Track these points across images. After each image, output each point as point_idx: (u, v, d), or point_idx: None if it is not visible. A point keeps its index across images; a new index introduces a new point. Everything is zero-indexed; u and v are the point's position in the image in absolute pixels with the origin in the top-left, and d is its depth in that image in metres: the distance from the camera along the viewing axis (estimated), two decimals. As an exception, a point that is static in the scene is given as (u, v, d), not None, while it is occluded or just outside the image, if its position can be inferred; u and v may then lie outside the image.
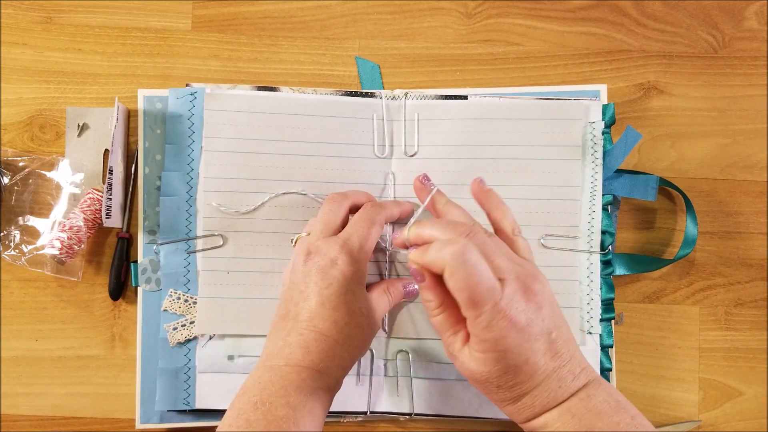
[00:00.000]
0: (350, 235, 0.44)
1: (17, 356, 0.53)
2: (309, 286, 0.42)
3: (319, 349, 0.40)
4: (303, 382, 0.39)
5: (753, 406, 0.54)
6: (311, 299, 0.42)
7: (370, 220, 0.45)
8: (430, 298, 0.40)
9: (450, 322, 0.40)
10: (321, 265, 0.42)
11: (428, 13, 0.56)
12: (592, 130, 0.52)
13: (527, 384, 0.38)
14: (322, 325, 0.41)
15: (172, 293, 0.51)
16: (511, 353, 0.37)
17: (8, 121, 0.54)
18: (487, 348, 0.37)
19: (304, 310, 0.42)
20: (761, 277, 0.54)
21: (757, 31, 0.56)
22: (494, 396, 0.40)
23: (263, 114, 0.52)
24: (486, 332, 0.37)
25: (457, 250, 0.36)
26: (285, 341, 0.41)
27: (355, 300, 0.42)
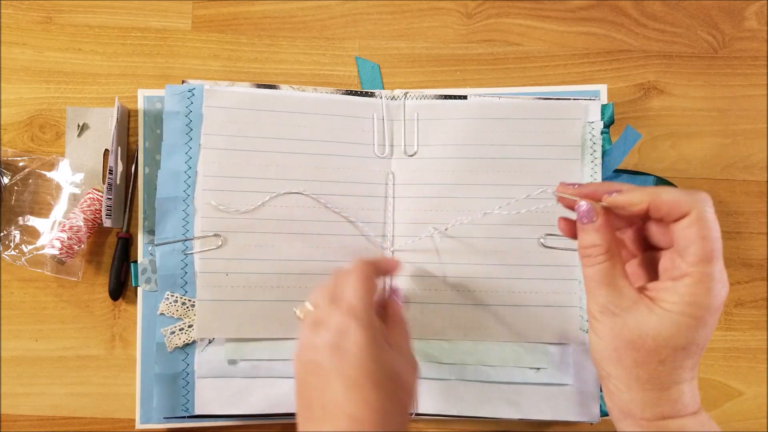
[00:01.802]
0: (350, 297, 0.39)
1: (17, 356, 0.53)
2: (324, 367, 0.37)
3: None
4: None
5: (753, 406, 0.54)
6: (332, 382, 0.37)
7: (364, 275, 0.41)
8: (599, 241, 0.36)
9: (614, 275, 0.36)
10: (330, 340, 0.37)
11: (428, 13, 0.56)
12: (591, 130, 0.52)
13: (688, 372, 0.35)
14: (353, 409, 0.36)
15: (169, 296, 0.51)
16: (704, 329, 0.34)
17: (8, 121, 0.54)
18: (690, 312, 0.34)
19: (328, 397, 0.37)
20: (761, 277, 0.54)
21: (757, 31, 0.56)
22: (644, 373, 0.35)
23: (263, 112, 0.52)
24: (703, 295, 0.34)
25: (707, 200, 0.34)
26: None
27: (379, 368, 0.37)
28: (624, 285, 0.36)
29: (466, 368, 0.51)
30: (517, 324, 0.51)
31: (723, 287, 0.34)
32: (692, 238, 0.34)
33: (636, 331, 0.35)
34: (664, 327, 0.34)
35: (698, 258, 0.34)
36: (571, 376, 0.51)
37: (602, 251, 0.36)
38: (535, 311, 0.51)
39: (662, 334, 0.34)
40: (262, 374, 0.51)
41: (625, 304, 0.35)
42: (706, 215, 0.34)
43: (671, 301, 0.34)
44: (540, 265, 0.51)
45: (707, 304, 0.34)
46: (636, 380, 0.35)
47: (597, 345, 0.37)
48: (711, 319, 0.34)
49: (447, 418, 0.52)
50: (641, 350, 0.35)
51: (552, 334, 0.51)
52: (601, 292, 0.36)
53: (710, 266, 0.34)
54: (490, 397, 0.51)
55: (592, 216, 0.36)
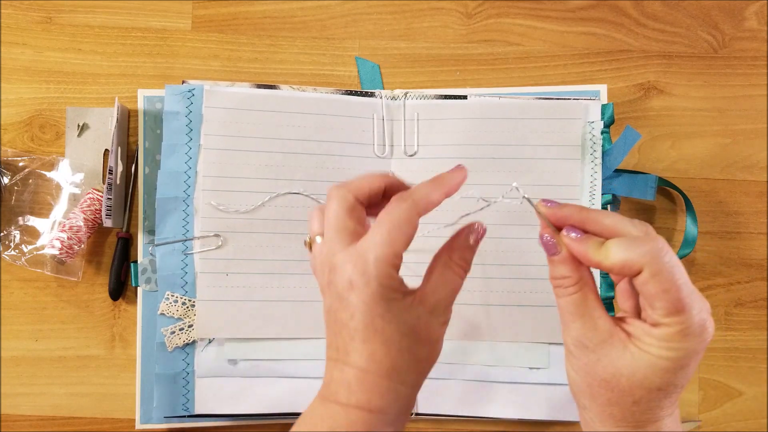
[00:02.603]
0: (368, 248, 0.35)
1: (17, 356, 0.53)
2: (337, 317, 0.36)
3: (362, 388, 0.35)
4: (352, 425, 0.35)
5: (753, 406, 0.54)
6: (342, 331, 0.36)
7: (396, 224, 0.35)
8: (567, 273, 0.35)
9: (586, 307, 0.35)
10: (339, 291, 0.35)
11: (428, 13, 0.56)
12: (591, 129, 0.52)
13: (667, 410, 0.34)
14: (358, 360, 0.35)
15: (169, 296, 0.51)
16: (683, 371, 0.33)
17: (8, 121, 0.54)
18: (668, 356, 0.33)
19: (340, 343, 0.36)
20: (761, 277, 0.54)
21: (757, 31, 0.56)
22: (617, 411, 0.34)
23: (263, 112, 0.52)
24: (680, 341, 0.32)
25: (661, 248, 0.32)
26: (331, 375, 0.36)
27: (388, 324, 0.35)
28: (598, 316, 0.35)
29: (466, 368, 0.51)
30: (517, 324, 0.51)
31: (703, 331, 0.33)
32: (654, 293, 0.32)
33: (610, 369, 0.34)
34: (639, 368, 0.33)
35: (667, 311, 0.32)
36: (571, 376, 0.51)
37: (572, 282, 0.35)
38: (535, 311, 0.51)
39: (636, 375, 0.33)
40: (262, 374, 0.51)
41: (600, 337, 0.34)
42: (662, 268, 0.32)
43: (647, 342, 0.33)
44: (540, 265, 0.51)
45: (686, 350, 0.33)
46: (610, 417, 0.35)
47: (572, 378, 0.36)
48: (692, 362, 0.33)
49: (447, 418, 0.52)
50: (615, 390, 0.34)
51: (552, 334, 0.51)
52: (574, 324, 0.35)
53: (682, 316, 0.32)
54: (490, 397, 0.51)
55: (554, 249, 0.36)
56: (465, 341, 0.51)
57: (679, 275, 0.32)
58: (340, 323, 0.36)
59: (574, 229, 0.35)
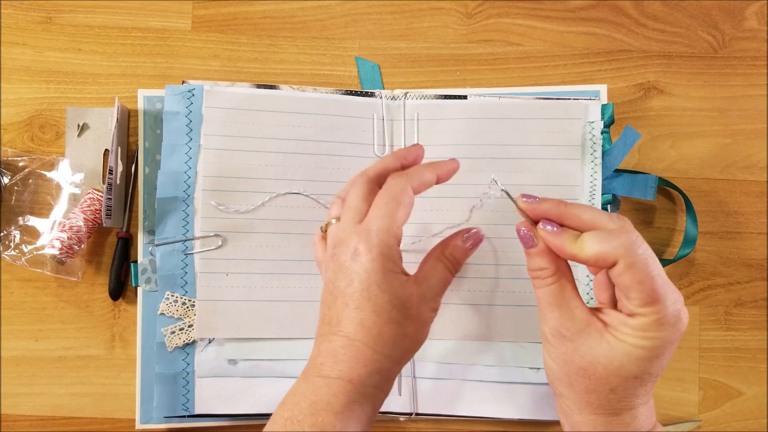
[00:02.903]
0: (370, 220, 0.38)
1: (17, 356, 0.53)
2: (335, 286, 0.38)
3: (347, 356, 0.37)
4: (333, 398, 0.36)
5: (753, 406, 0.54)
6: (338, 301, 0.38)
7: (393, 197, 0.38)
8: (544, 265, 0.36)
9: (563, 297, 0.36)
10: (342, 261, 0.38)
11: (428, 13, 0.56)
12: (591, 129, 0.52)
13: (642, 398, 0.35)
14: (348, 328, 0.37)
15: (169, 296, 0.51)
16: (658, 360, 0.34)
17: (8, 121, 0.54)
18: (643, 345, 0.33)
19: (333, 315, 0.38)
20: (761, 277, 0.54)
21: (757, 31, 0.56)
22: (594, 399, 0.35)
23: (263, 112, 0.52)
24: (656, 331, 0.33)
25: (634, 241, 0.33)
26: (319, 349, 0.38)
27: (382, 293, 0.37)
28: (576, 306, 0.36)
29: (466, 368, 0.51)
30: (517, 324, 0.51)
31: (677, 321, 0.33)
32: (629, 285, 0.33)
33: (587, 357, 0.35)
34: (616, 356, 0.34)
35: (642, 302, 0.33)
36: (571, 376, 0.51)
37: (550, 273, 0.36)
38: (535, 311, 0.51)
39: (613, 363, 0.34)
40: (262, 374, 0.51)
41: (577, 327, 0.35)
42: (636, 260, 0.33)
43: (624, 332, 0.34)
44: (540, 265, 0.51)
45: (661, 339, 0.33)
46: (587, 404, 0.36)
47: (549, 367, 0.37)
48: (666, 351, 0.34)
49: (447, 418, 0.52)
50: (592, 378, 0.35)
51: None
52: (552, 314, 0.36)
53: (657, 306, 0.33)
54: (490, 397, 0.51)
55: (530, 242, 0.37)
56: (465, 341, 0.51)
57: (653, 267, 0.33)
58: (337, 292, 0.38)
59: (551, 223, 0.37)
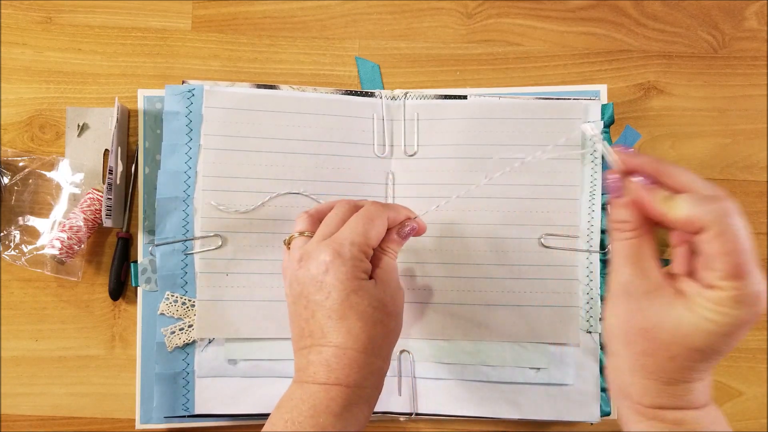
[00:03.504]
0: (342, 235, 0.40)
1: (17, 356, 0.53)
2: (309, 300, 0.39)
3: (341, 364, 0.38)
4: (332, 401, 0.38)
5: (753, 406, 0.54)
6: (317, 314, 0.39)
7: (367, 216, 0.41)
8: (628, 218, 0.35)
9: (640, 255, 0.34)
10: (314, 275, 0.39)
11: (428, 13, 0.56)
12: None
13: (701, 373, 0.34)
14: (336, 339, 0.38)
15: (169, 296, 0.51)
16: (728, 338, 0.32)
17: (8, 121, 0.54)
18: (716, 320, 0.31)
19: (315, 327, 0.39)
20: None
21: (757, 31, 0.56)
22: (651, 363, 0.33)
23: (263, 112, 0.52)
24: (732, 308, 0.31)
25: (730, 209, 0.31)
26: (308, 360, 0.39)
27: (361, 299, 0.39)
28: (650, 267, 0.34)
29: (466, 368, 0.51)
30: (517, 324, 0.51)
31: (757, 301, 0.31)
32: (715, 254, 0.31)
33: (652, 320, 0.33)
34: (683, 325, 0.32)
35: (725, 274, 0.31)
36: (571, 376, 0.51)
37: (631, 227, 0.34)
38: (535, 311, 0.51)
39: (679, 331, 0.32)
40: (262, 374, 0.51)
41: (648, 287, 0.34)
42: (727, 229, 0.31)
43: (698, 302, 0.32)
44: (540, 265, 0.51)
45: (736, 317, 0.31)
46: (642, 367, 0.34)
47: (609, 322, 0.35)
48: (739, 331, 0.32)
49: (447, 418, 0.52)
50: (654, 341, 0.33)
51: (552, 334, 0.51)
52: (625, 270, 0.34)
53: (740, 281, 0.31)
54: (490, 397, 0.51)
55: (618, 191, 0.35)
56: (465, 341, 0.51)
57: (744, 240, 0.31)
58: (315, 305, 0.39)
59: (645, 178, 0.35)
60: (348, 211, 0.43)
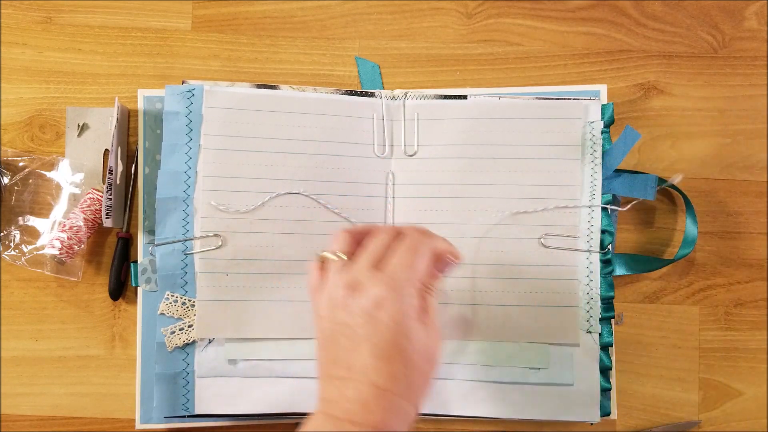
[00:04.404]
0: (395, 268, 0.38)
1: (17, 356, 0.53)
2: (356, 332, 0.37)
3: (380, 407, 0.36)
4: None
5: (753, 406, 0.54)
6: (362, 348, 0.37)
7: (416, 248, 0.39)
8: None
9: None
10: (366, 308, 0.37)
11: (428, 13, 0.56)
12: (592, 129, 0.52)
13: None
14: (378, 379, 0.36)
15: (169, 296, 0.51)
16: None
17: (8, 121, 0.54)
18: None
19: (356, 361, 0.37)
20: (761, 277, 0.54)
21: (757, 31, 0.56)
22: None
23: (263, 112, 0.52)
24: None
25: None
26: (342, 393, 0.37)
27: (411, 343, 0.37)
28: None
29: (466, 368, 0.51)
30: (517, 324, 0.51)
31: None
32: None
33: None
34: None
35: None
36: (571, 376, 0.51)
37: None
38: (535, 311, 0.51)
39: None
40: (261, 374, 0.51)
41: None
42: None
43: None
44: (540, 265, 0.51)
45: None
46: None
47: None
48: None
49: (447, 418, 0.52)
50: None
51: (552, 334, 0.51)
52: None
53: None
54: (490, 397, 0.51)
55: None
56: (465, 341, 0.51)
57: None
58: (361, 339, 0.37)
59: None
60: (391, 237, 0.41)
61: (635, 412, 0.53)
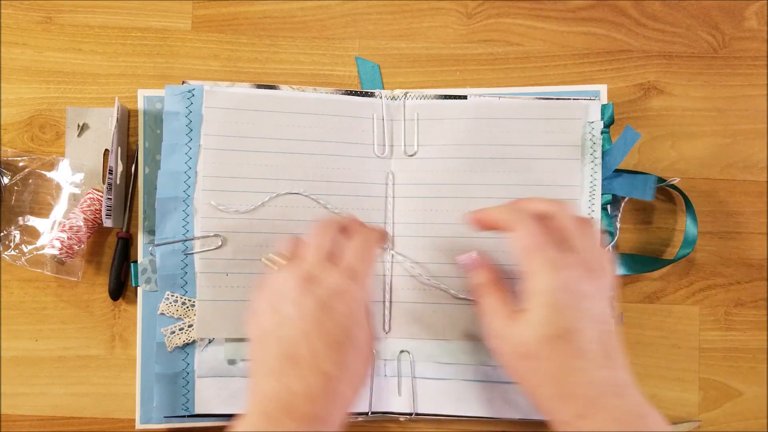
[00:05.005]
0: (352, 262, 0.40)
1: (17, 356, 0.53)
2: (309, 323, 0.38)
3: (325, 394, 0.37)
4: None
5: (753, 406, 0.54)
6: (313, 338, 0.38)
7: (366, 240, 0.42)
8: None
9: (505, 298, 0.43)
10: (322, 298, 0.38)
11: (428, 13, 0.56)
12: (591, 129, 0.52)
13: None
14: (328, 366, 0.37)
15: (169, 296, 0.51)
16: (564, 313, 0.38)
17: (8, 121, 0.54)
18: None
19: (305, 352, 0.37)
20: (761, 277, 0.54)
21: (757, 31, 0.56)
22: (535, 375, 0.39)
23: (263, 112, 0.52)
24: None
25: None
26: (285, 387, 0.37)
27: (361, 331, 0.39)
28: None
29: (466, 368, 0.51)
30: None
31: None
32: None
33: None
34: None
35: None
36: (571, 376, 0.51)
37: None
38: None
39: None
40: (262, 374, 0.51)
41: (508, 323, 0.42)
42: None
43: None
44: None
45: None
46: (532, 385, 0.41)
47: None
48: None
49: (447, 418, 0.52)
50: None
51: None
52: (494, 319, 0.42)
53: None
54: (490, 397, 0.51)
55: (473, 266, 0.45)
56: (465, 341, 0.51)
57: None
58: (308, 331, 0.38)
59: None
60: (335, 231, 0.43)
61: (635, 412, 0.53)
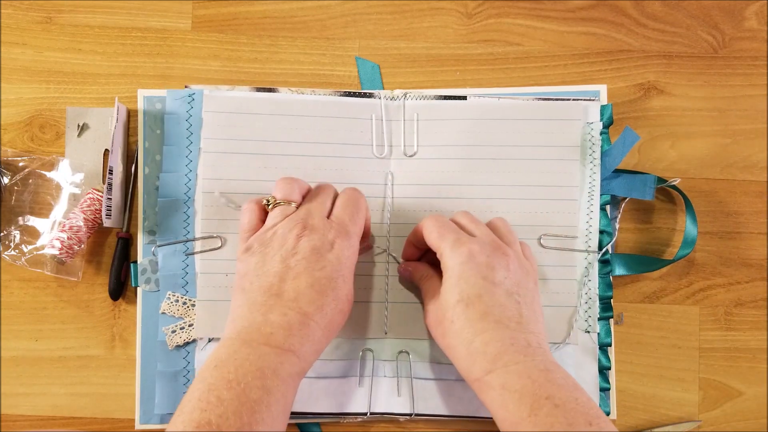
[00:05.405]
0: (345, 220, 0.44)
1: (17, 356, 0.53)
2: (299, 263, 0.41)
3: (301, 333, 0.40)
4: (281, 366, 0.38)
5: (753, 406, 0.54)
6: (300, 279, 0.41)
7: (357, 204, 0.46)
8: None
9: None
10: (317, 246, 0.42)
11: (428, 13, 0.56)
12: (591, 130, 0.52)
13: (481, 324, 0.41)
14: (308, 308, 0.40)
15: (170, 296, 0.51)
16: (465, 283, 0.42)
17: (8, 121, 0.54)
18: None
19: (290, 289, 0.41)
20: (761, 277, 0.54)
21: (757, 31, 0.56)
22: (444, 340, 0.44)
23: (262, 115, 0.52)
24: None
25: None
26: (266, 318, 0.40)
27: (344, 285, 0.42)
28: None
29: (466, 368, 0.51)
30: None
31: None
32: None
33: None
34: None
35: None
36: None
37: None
38: (535, 311, 0.51)
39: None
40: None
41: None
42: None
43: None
44: (540, 265, 0.51)
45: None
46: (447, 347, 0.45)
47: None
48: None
49: (447, 418, 0.52)
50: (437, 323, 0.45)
51: (550, 334, 0.51)
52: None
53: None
54: (489, 397, 0.51)
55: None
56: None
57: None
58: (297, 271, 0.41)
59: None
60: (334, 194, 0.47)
61: (635, 412, 0.53)
